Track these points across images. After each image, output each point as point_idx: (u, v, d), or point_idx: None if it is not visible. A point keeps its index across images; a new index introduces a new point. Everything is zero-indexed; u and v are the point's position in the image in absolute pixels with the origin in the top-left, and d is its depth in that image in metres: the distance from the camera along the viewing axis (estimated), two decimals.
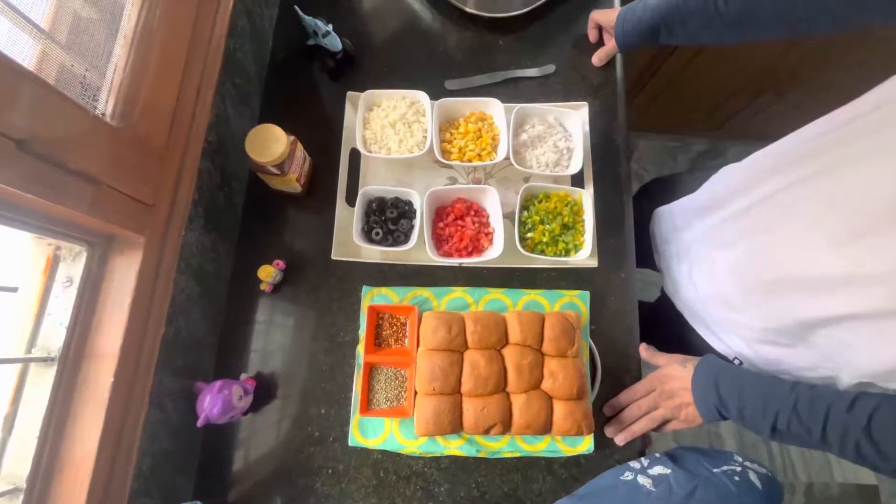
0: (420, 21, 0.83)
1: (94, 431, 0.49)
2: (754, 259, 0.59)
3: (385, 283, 0.70)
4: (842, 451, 0.49)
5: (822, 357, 0.57)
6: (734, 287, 0.62)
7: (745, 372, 0.58)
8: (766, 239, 0.57)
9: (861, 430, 0.47)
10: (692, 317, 0.74)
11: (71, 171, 0.44)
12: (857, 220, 0.46)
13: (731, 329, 0.67)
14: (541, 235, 0.69)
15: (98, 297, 0.52)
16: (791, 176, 0.54)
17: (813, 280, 0.51)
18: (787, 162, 0.56)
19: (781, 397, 0.52)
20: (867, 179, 0.45)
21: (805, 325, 0.54)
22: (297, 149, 0.67)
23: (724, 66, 1.16)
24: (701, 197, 0.71)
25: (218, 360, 0.68)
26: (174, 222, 0.58)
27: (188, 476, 0.64)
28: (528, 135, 0.73)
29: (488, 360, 0.61)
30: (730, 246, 0.63)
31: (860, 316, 0.48)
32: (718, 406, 0.57)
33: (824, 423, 0.49)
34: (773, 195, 0.56)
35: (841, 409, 0.49)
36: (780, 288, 0.55)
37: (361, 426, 0.65)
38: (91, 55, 0.48)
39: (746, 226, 0.60)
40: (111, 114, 0.50)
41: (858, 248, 0.46)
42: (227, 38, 0.66)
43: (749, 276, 0.60)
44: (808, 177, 0.52)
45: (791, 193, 0.54)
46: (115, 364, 0.50)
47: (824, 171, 0.50)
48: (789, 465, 1.49)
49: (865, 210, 0.45)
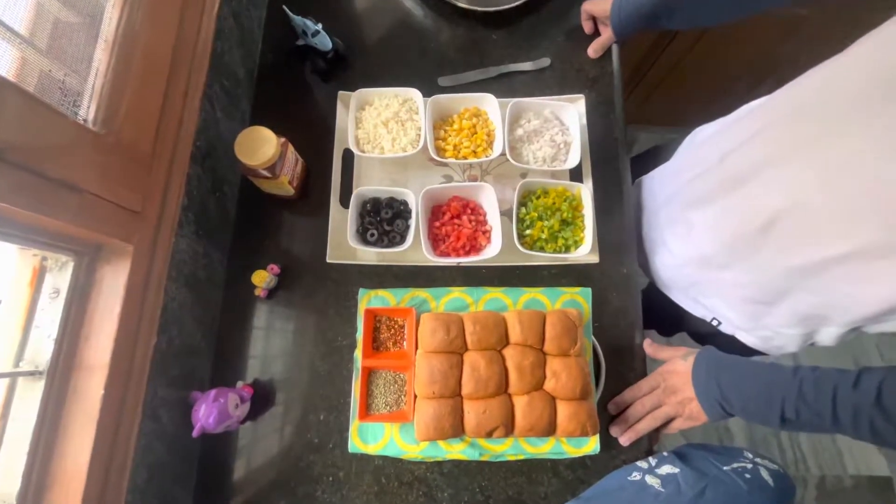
0: (411, 18, 0.82)
1: (85, 445, 0.47)
2: (734, 212, 0.56)
3: (382, 285, 0.69)
4: (856, 431, 0.47)
5: (803, 312, 0.55)
6: (715, 245, 0.60)
7: (745, 362, 0.56)
8: (745, 189, 0.54)
9: (872, 405, 0.45)
10: (664, 284, 0.73)
11: (52, 179, 0.43)
12: (843, 153, 0.43)
13: (711, 290, 0.66)
14: (539, 232, 0.67)
15: (86, 307, 0.51)
16: (766, 119, 0.52)
17: (803, 220, 0.49)
18: (759, 110, 0.55)
19: (785, 384, 0.51)
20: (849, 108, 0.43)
21: (794, 273, 0.52)
22: (289, 151, 0.66)
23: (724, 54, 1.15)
24: (674, 160, 0.70)
25: (214, 369, 0.67)
26: (163, 229, 0.57)
27: (186, 487, 0.63)
28: (524, 130, 0.71)
29: (489, 361, 0.59)
30: (706, 203, 0.60)
31: (852, 255, 0.46)
32: (721, 401, 0.55)
33: (833, 405, 0.47)
34: (748, 141, 0.54)
35: (847, 386, 0.47)
36: (767, 236, 0.53)
37: (361, 432, 0.63)
38: (70, 60, 0.47)
39: (721, 179, 0.58)
40: (93, 120, 0.48)
41: (847, 182, 0.43)
42: (213, 41, 0.64)
43: (730, 231, 0.57)
44: (784, 116, 0.50)
45: (767, 135, 0.52)
46: (106, 375, 0.49)
47: (802, 111, 0.48)
48: (800, 459, 1.47)
49: (851, 143, 0.42)
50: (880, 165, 0.41)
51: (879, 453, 1.48)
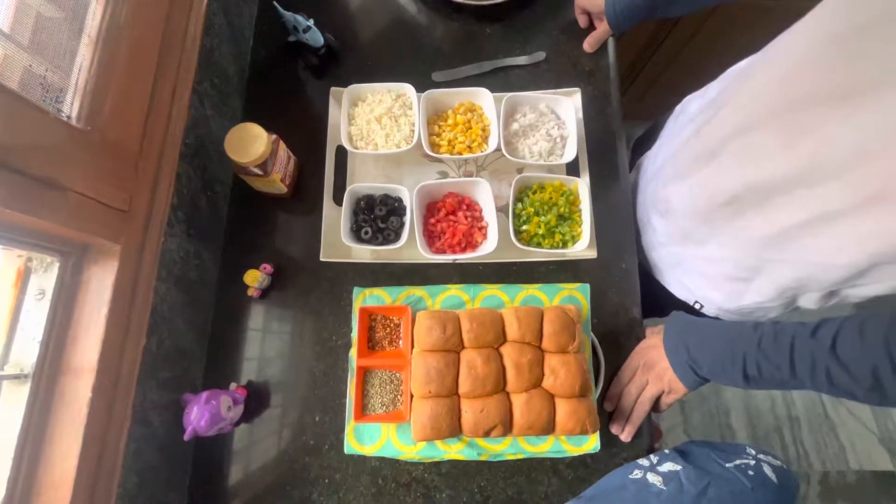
0: (405, 12, 0.81)
1: (72, 450, 0.46)
2: (708, 184, 0.56)
3: (377, 284, 0.67)
4: (814, 381, 0.47)
5: (780, 285, 0.55)
6: (692, 219, 0.61)
7: (711, 323, 0.57)
8: (717, 161, 0.54)
9: (827, 353, 0.45)
10: (652, 266, 0.73)
11: (34, 177, 0.42)
12: (804, 115, 0.43)
13: (693, 270, 0.66)
14: (536, 227, 0.66)
15: (73, 309, 0.50)
16: (736, 88, 0.53)
17: (769, 188, 0.48)
18: (733, 78, 0.56)
19: (745, 339, 0.51)
20: (805, 68, 0.42)
21: (766, 244, 0.52)
22: (280, 148, 0.65)
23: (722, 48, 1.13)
24: (660, 137, 0.71)
25: (207, 371, 0.66)
26: (152, 229, 0.56)
27: (180, 492, 0.62)
28: (520, 124, 0.70)
29: (486, 359, 0.58)
30: (683, 177, 0.60)
31: (818, 219, 0.45)
32: (690, 363, 0.55)
33: (791, 355, 0.48)
34: (720, 111, 0.54)
35: (804, 336, 0.47)
36: (737, 206, 0.53)
37: (357, 433, 0.62)
38: (52, 55, 0.45)
39: (697, 152, 0.58)
40: (77, 116, 0.47)
41: (808, 144, 0.43)
42: (202, 37, 0.63)
43: (704, 205, 0.57)
44: (751, 87, 0.50)
45: (736, 104, 0.51)
46: (94, 378, 0.48)
47: (767, 77, 0.48)
48: (803, 455, 1.46)
49: (810, 104, 0.42)
50: (839, 128, 0.40)
51: (883, 448, 1.47)
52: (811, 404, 1.51)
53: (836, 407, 1.51)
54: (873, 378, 0.43)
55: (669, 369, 0.58)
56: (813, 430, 1.49)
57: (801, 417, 1.50)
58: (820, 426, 1.49)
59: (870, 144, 0.39)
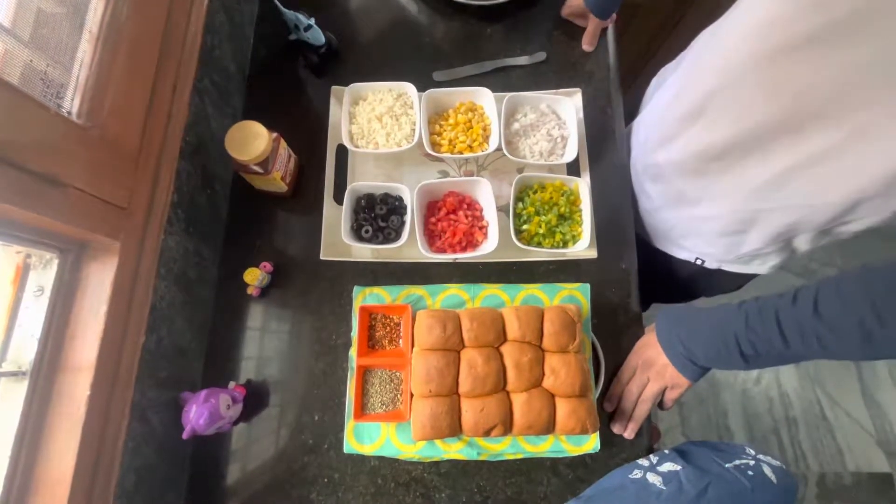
0: (405, 12, 0.81)
1: (70, 448, 0.46)
2: (695, 142, 0.57)
3: (377, 283, 0.67)
4: (807, 349, 0.47)
5: (774, 231, 0.56)
6: (684, 179, 0.61)
7: (697, 312, 0.57)
8: (703, 118, 0.54)
9: (812, 318, 0.46)
10: (648, 234, 0.74)
11: (34, 173, 0.42)
12: (782, 62, 0.43)
13: (689, 230, 0.67)
14: (537, 227, 0.66)
15: (72, 306, 0.49)
16: (711, 48, 0.54)
17: (756, 137, 0.49)
18: (706, 41, 0.58)
19: (733, 321, 0.52)
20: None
21: (758, 193, 0.53)
22: (281, 146, 0.65)
23: None
24: (644, 106, 0.72)
25: (206, 369, 0.66)
26: (152, 226, 0.55)
27: (178, 491, 0.61)
28: (521, 124, 0.70)
29: (486, 358, 0.58)
30: (671, 139, 0.61)
31: (806, 160, 0.46)
32: (687, 355, 0.56)
33: (779, 327, 0.48)
34: (697, 72, 0.55)
35: (786, 306, 0.48)
36: (727, 160, 0.54)
37: (357, 432, 0.62)
38: (53, 51, 0.45)
39: (680, 113, 0.58)
40: (77, 112, 0.47)
41: (789, 89, 0.44)
42: (203, 35, 0.63)
43: (693, 161, 0.58)
44: (726, 45, 0.50)
45: (713, 62, 0.52)
46: (92, 376, 0.47)
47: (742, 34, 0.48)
48: (801, 456, 1.46)
49: (788, 50, 0.42)
50: (817, 69, 0.41)
51: (880, 450, 1.47)
52: (808, 405, 1.51)
53: (833, 408, 1.51)
54: (861, 331, 0.43)
55: (669, 365, 0.58)
56: (810, 432, 1.49)
57: (798, 419, 1.50)
58: (817, 428, 1.50)
59: (848, 81, 0.40)
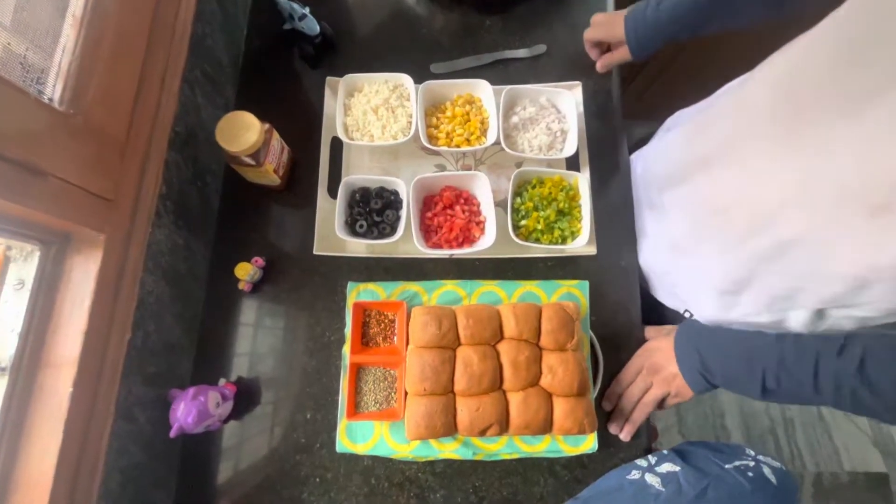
0: (403, 2, 0.79)
1: (51, 447, 0.44)
2: (698, 195, 0.56)
3: (371, 279, 0.66)
4: (837, 401, 0.46)
5: (769, 297, 0.54)
6: (683, 228, 0.60)
7: (727, 330, 0.56)
8: (709, 171, 0.53)
9: (854, 375, 0.44)
10: (643, 273, 0.71)
11: (12, 161, 0.40)
12: (804, 124, 0.41)
13: (682, 279, 0.65)
14: (535, 223, 0.65)
15: (54, 300, 0.48)
16: (732, 100, 0.53)
17: (758, 204, 0.48)
18: (732, 92, 0.55)
19: (766, 353, 0.50)
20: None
21: (755, 257, 0.51)
22: (274, 138, 0.63)
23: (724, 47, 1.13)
24: (650, 142, 0.70)
25: (196, 366, 0.64)
26: (139, 219, 0.54)
27: (167, 490, 0.60)
28: (520, 117, 0.69)
29: (482, 356, 0.57)
30: (676, 185, 0.60)
31: (808, 236, 0.45)
32: (702, 371, 0.54)
33: (815, 375, 0.46)
34: (714, 121, 0.53)
35: (831, 354, 0.46)
36: (726, 219, 0.52)
37: (349, 431, 0.60)
38: (34, 34, 0.43)
39: (689, 160, 0.57)
40: (59, 99, 0.45)
41: (808, 153, 0.42)
42: (193, 23, 0.61)
43: (695, 214, 0.57)
44: (747, 98, 0.49)
45: (732, 114, 0.51)
46: (75, 373, 0.46)
47: (766, 90, 0.47)
48: (797, 455, 1.46)
49: (812, 112, 0.41)
50: (841, 136, 0.39)
51: (876, 450, 1.47)
52: (806, 406, 1.51)
53: (830, 409, 1.51)
54: None
55: (679, 375, 0.56)
56: (807, 432, 1.49)
57: (795, 419, 1.50)
58: (814, 428, 1.49)
59: (873, 153, 0.37)
